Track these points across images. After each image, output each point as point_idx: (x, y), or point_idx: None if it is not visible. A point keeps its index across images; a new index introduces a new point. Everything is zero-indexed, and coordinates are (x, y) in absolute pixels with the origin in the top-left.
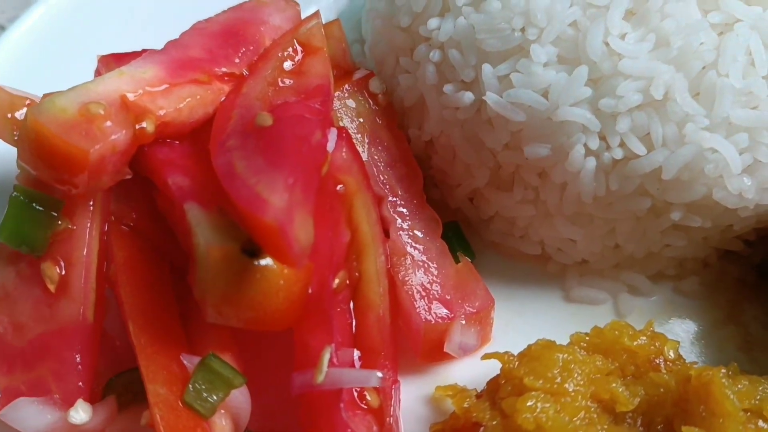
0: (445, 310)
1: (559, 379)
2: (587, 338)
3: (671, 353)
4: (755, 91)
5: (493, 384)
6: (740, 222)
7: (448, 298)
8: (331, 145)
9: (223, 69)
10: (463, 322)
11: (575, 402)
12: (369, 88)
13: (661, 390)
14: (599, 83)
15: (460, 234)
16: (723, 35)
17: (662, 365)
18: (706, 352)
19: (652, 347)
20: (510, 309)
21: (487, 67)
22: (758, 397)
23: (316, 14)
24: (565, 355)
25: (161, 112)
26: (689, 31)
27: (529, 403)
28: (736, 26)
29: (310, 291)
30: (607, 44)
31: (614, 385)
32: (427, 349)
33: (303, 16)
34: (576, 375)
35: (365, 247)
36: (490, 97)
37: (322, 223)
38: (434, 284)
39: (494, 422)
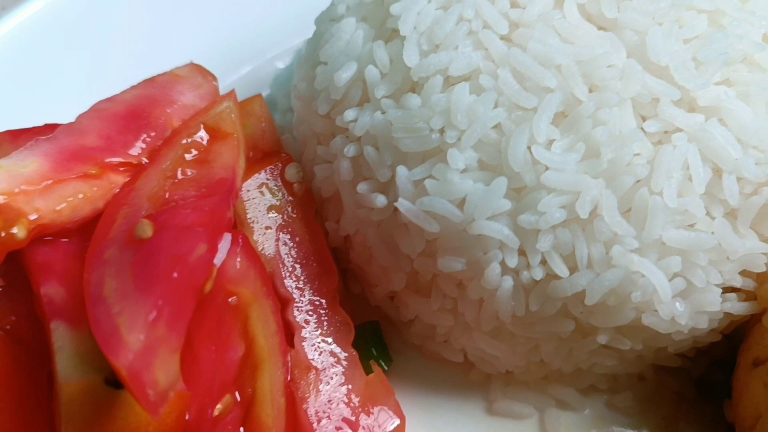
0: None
1: None
2: None
3: None
4: (691, 210)
5: None
6: (675, 344)
7: (353, 418)
8: (220, 257)
9: (119, 159)
10: None
11: None
12: (285, 176)
13: None
14: (521, 196)
15: (378, 336)
16: (660, 146)
17: None
18: None
19: None
20: (428, 421)
21: (402, 170)
22: None
23: (230, 95)
24: None
25: (34, 216)
26: (622, 142)
27: None
28: (674, 137)
29: (187, 418)
30: (531, 152)
31: None
32: None
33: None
34: None
35: (261, 362)
36: (402, 204)
37: (206, 342)
38: (338, 402)
39: None
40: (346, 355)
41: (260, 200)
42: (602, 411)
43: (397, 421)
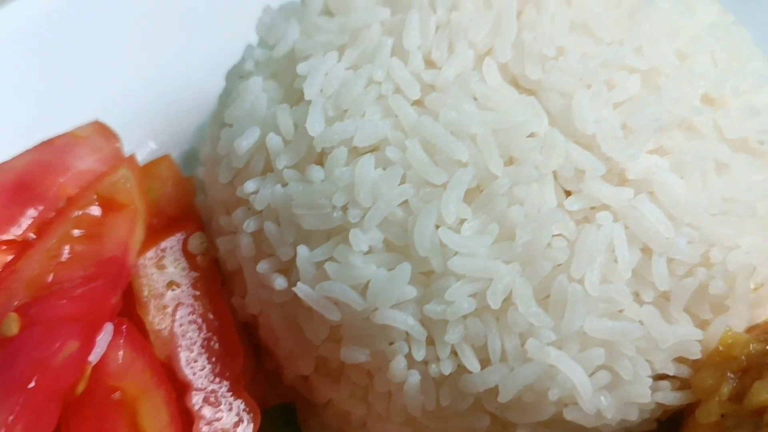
0: None
1: None
2: None
3: None
4: (616, 297)
5: None
6: None
7: None
8: (98, 352)
9: (2, 236)
10: None
11: None
12: (187, 248)
13: None
14: (428, 282)
15: (290, 420)
16: (583, 225)
17: None
18: None
19: None
20: None
21: (302, 250)
22: None
23: (129, 160)
24: None
25: None
26: (540, 223)
27: None
28: (599, 216)
29: None
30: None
31: None
32: None
33: None
34: None
35: None
36: (302, 289)
37: None
38: None
39: None
40: None
41: (159, 275)
42: None
43: None
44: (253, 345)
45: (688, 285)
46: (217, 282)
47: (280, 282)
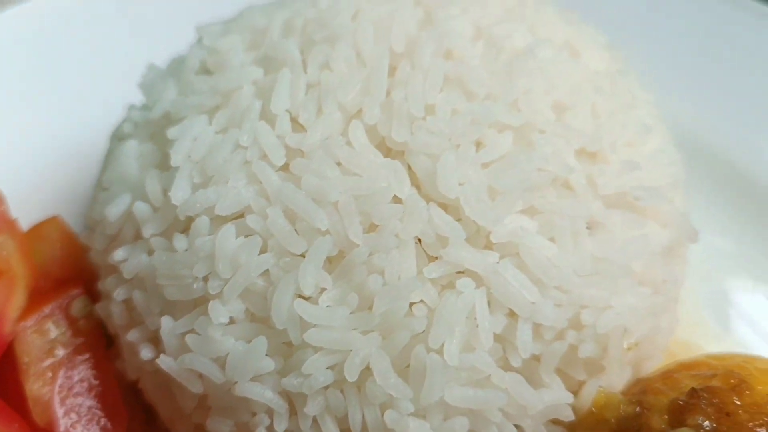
0: None
1: None
2: None
3: None
4: (479, 366)
5: None
6: None
7: None
8: None
9: None
10: None
11: None
12: (71, 312)
13: None
14: (287, 354)
15: None
16: (444, 292)
17: None
18: None
19: None
20: None
21: (166, 321)
22: None
23: (9, 224)
24: None
25: None
26: (398, 292)
27: None
28: (459, 283)
29: None
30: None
31: None
32: None
33: None
34: None
35: None
36: (164, 361)
37: None
38: None
39: None
40: None
41: (40, 340)
42: None
43: None
44: (145, 405)
45: (557, 349)
46: (101, 345)
47: (146, 352)
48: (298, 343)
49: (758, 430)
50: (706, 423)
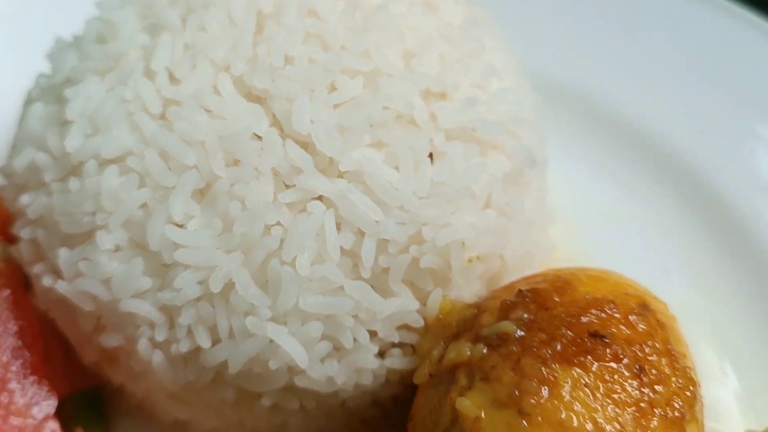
0: None
1: None
2: None
3: None
4: (330, 277)
5: None
6: (353, 401)
7: None
8: None
9: None
10: None
11: None
12: None
13: None
14: (163, 274)
15: (94, 402)
16: (297, 215)
17: None
18: None
19: None
20: None
21: (63, 252)
22: None
23: None
24: None
25: None
26: (255, 216)
27: None
28: (310, 205)
29: None
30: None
31: None
32: None
33: None
34: None
35: None
36: (61, 285)
37: None
38: None
39: None
40: (42, 423)
41: None
42: None
43: None
44: (63, 339)
45: (402, 261)
46: (20, 285)
47: (48, 281)
48: (171, 262)
49: (571, 320)
50: (525, 316)
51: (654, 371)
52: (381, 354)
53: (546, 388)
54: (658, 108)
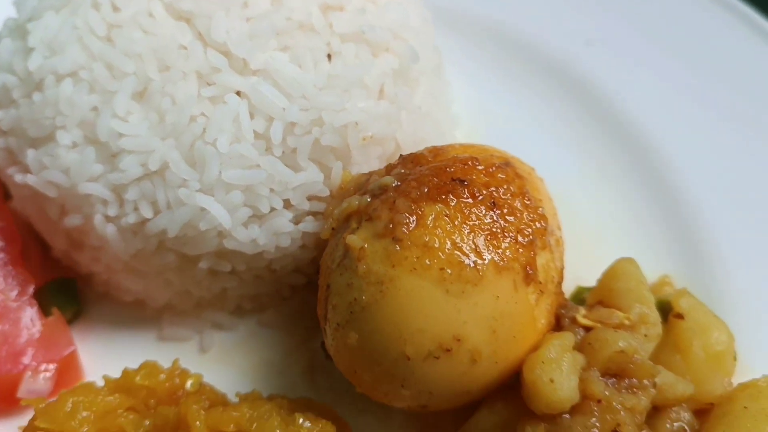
0: (22, 361)
1: (73, 422)
2: (116, 380)
3: (189, 385)
4: (246, 154)
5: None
6: (278, 262)
7: (30, 349)
8: None
9: None
10: (30, 374)
11: None
12: None
13: (167, 422)
14: (110, 160)
15: (66, 287)
16: (215, 106)
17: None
18: (269, 380)
19: (170, 383)
20: (110, 351)
21: (31, 152)
22: (251, 420)
23: None
24: (78, 398)
25: None
26: (182, 107)
27: None
28: (227, 97)
29: None
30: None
31: (122, 419)
32: (4, 398)
33: None
34: (83, 414)
35: None
36: (30, 179)
37: None
38: (16, 338)
39: None
40: (24, 304)
41: None
42: (254, 328)
43: (71, 348)
44: (40, 239)
45: (306, 140)
46: (1, 192)
47: (19, 178)
48: (117, 150)
49: (437, 170)
50: (402, 171)
51: (506, 207)
52: (297, 223)
53: (414, 218)
54: (549, 20)
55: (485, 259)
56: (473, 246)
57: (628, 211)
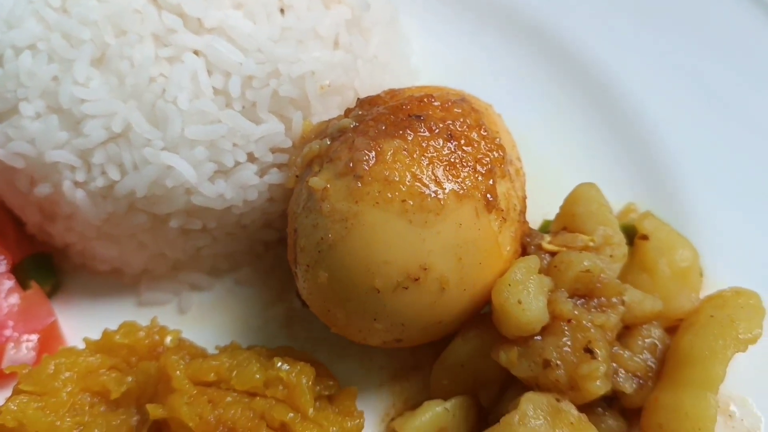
0: (4, 333)
1: (57, 383)
2: (97, 341)
3: (169, 341)
4: (206, 109)
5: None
6: (247, 217)
7: (11, 323)
8: None
9: None
10: (12, 345)
11: (60, 398)
12: None
13: (149, 377)
14: (75, 126)
15: (42, 262)
16: (172, 66)
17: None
18: (247, 334)
19: (149, 340)
20: (90, 319)
21: None
22: (230, 369)
23: None
24: (60, 360)
25: None
26: (141, 69)
27: (11, 406)
28: (184, 56)
29: None
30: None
31: (104, 377)
32: None
33: None
34: (65, 375)
35: None
36: None
37: None
38: None
39: None
40: (3, 279)
41: None
42: (231, 287)
43: (51, 318)
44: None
45: (265, 93)
46: None
47: None
48: (80, 116)
49: (394, 108)
50: (360, 113)
51: (463, 138)
52: (263, 175)
53: (373, 155)
54: None
55: (445, 189)
56: (433, 177)
57: (588, 146)
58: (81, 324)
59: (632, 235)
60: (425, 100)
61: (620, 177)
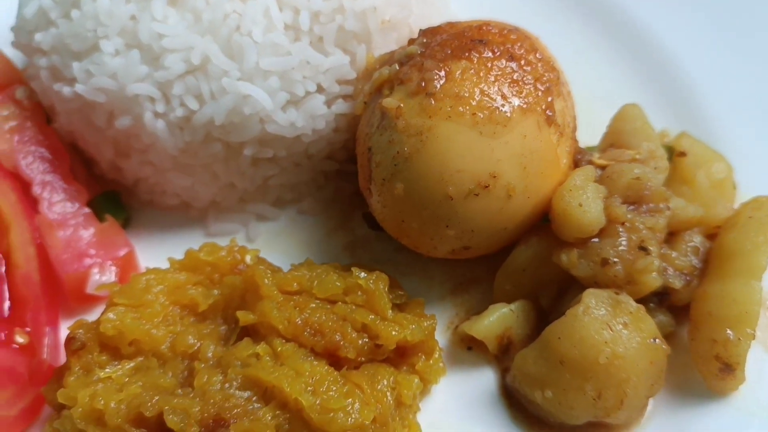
0: (86, 261)
1: (149, 296)
2: (181, 260)
3: (249, 259)
4: (278, 42)
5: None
6: (314, 146)
7: (91, 251)
8: None
9: None
10: (96, 270)
11: (154, 309)
12: (15, 97)
13: (234, 289)
14: (154, 61)
15: (112, 199)
16: (246, 3)
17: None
18: (314, 257)
19: (231, 258)
20: (157, 249)
21: (76, 65)
22: (311, 280)
23: None
24: (150, 276)
25: None
26: (216, 6)
27: (110, 315)
28: None
29: None
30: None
31: (192, 291)
32: (75, 294)
33: None
34: (156, 289)
35: (9, 224)
36: (79, 87)
37: None
38: (78, 242)
39: None
40: (82, 211)
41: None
42: (294, 216)
43: (127, 249)
44: (84, 157)
45: (331, 27)
46: (42, 116)
47: (67, 90)
48: (160, 50)
49: (457, 34)
50: (425, 40)
51: (523, 59)
52: (330, 105)
53: (443, 74)
54: None
55: (512, 103)
56: (499, 92)
57: (617, 79)
58: (153, 256)
59: (671, 154)
60: (484, 27)
61: (653, 107)
